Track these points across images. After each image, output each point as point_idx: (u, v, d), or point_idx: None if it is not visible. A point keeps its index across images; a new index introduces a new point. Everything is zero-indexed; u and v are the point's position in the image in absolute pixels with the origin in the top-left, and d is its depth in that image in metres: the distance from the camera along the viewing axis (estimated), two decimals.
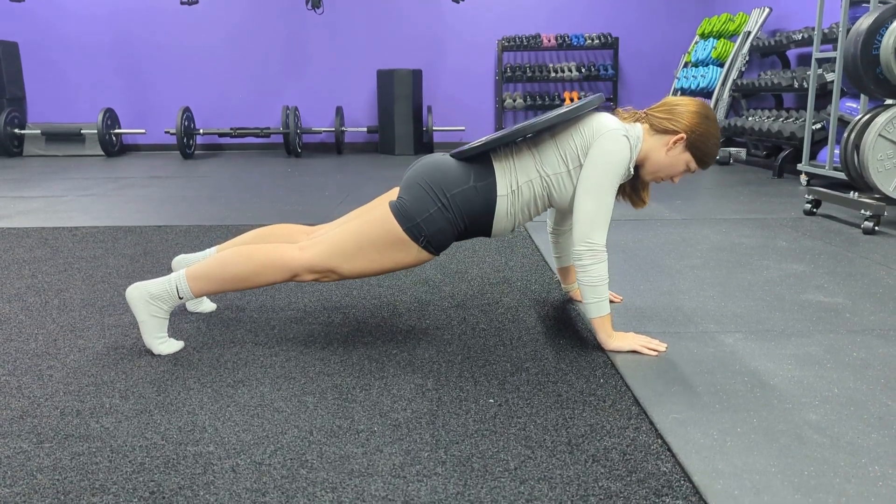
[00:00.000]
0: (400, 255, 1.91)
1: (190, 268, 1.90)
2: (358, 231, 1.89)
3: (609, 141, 1.83)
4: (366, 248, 1.88)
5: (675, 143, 1.90)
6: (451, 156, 1.97)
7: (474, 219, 1.92)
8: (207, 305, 2.24)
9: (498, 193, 1.90)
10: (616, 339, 1.86)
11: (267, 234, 2.13)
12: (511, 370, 1.76)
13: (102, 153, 7.52)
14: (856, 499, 1.19)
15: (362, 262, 1.90)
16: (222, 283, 1.89)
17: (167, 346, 1.89)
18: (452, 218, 1.89)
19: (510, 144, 1.95)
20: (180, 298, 1.87)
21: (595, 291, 1.81)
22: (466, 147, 1.94)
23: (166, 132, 7.42)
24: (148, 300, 1.85)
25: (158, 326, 1.88)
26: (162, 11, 7.77)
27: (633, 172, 1.93)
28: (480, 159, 1.93)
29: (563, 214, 2.22)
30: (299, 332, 2.05)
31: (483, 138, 1.93)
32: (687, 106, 1.91)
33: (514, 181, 1.91)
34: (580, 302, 2.16)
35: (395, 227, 1.87)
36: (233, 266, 1.87)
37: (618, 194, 2.01)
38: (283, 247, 1.91)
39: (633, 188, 2.04)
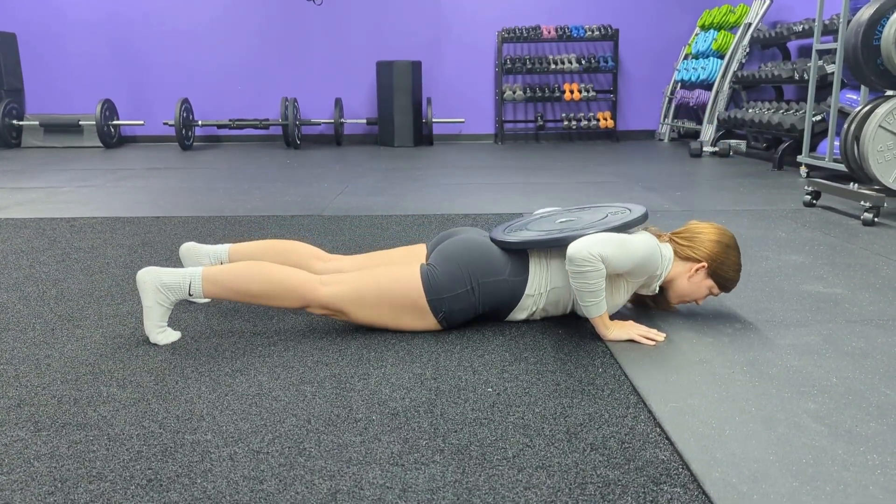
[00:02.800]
0: (414, 321, 1.92)
1: (208, 269, 1.88)
2: (383, 285, 1.89)
3: (638, 234, 1.89)
4: (384, 303, 1.89)
5: (696, 270, 1.94)
6: (490, 238, 1.98)
7: (495, 308, 1.95)
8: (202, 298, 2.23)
9: (526, 293, 1.93)
10: (614, 329, 1.86)
11: (283, 250, 2.11)
12: (509, 360, 1.76)
13: (101, 145, 7.50)
14: (853, 487, 1.19)
15: (375, 314, 1.90)
16: (236, 294, 1.88)
17: (165, 335, 1.89)
18: (476, 302, 1.91)
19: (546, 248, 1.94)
20: (190, 295, 1.86)
21: (594, 295, 1.80)
22: (508, 239, 1.94)
23: (165, 124, 7.40)
24: (158, 287, 1.85)
25: (161, 315, 1.88)
26: (161, 2, 7.74)
27: (657, 290, 1.96)
28: (519, 253, 1.95)
29: None
30: (297, 321, 2.05)
31: (529, 234, 1.95)
32: (708, 235, 1.96)
33: (543, 284, 1.93)
34: None
35: (420, 294, 1.87)
36: (253, 284, 1.86)
37: (644, 302, 2.11)
38: (305, 277, 1.89)
39: (658, 305, 2.10)
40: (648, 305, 2.13)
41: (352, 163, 6.11)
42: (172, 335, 1.91)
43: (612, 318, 1.91)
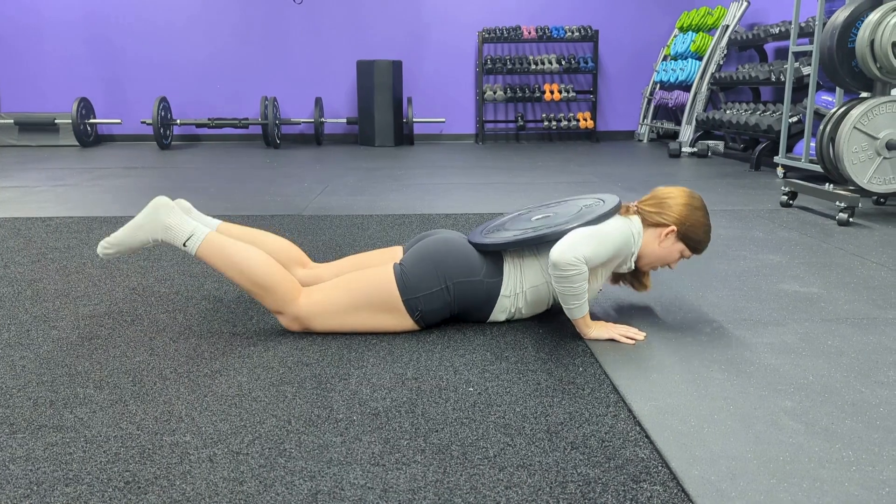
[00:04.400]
0: (391, 321, 1.91)
1: (213, 236, 1.87)
2: (355, 287, 1.88)
3: (608, 223, 1.89)
4: (361, 306, 1.88)
5: (666, 235, 1.94)
6: (468, 240, 1.98)
7: (470, 308, 1.95)
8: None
9: (501, 293, 1.93)
10: (595, 329, 1.87)
11: (272, 249, 2.06)
12: (490, 359, 1.76)
13: (77, 143, 7.40)
14: (830, 483, 1.21)
15: (350, 320, 1.90)
16: (228, 268, 1.86)
17: (111, 252, 1.91)
18: (450, 302, 1.91)
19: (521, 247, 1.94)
20: (183, 246, 1.87)
21: (577, 298, 1.80)
22: (484, 241, 1.94)
23: (143, 122, 7.33)
24: (159, 226, 1.86)
25: (137, 243, 1.90)
26: None
27: (633, 266, 1.96)
28: (494, 255, 1.94)
29: None
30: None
31: (506, 234, 1.94)
32: (676, 199, 1.95)
33: (518, 285, 1.93)
34: None
35: (394, 293, 1.86)
36: (248, 268, 1.85)
37: (619, 281, 2.12)
38: (293, 285, 1.88)
39: (634, 276, 2.09)
40: (623, 284, 2.13)
41: (332, 162, 6.08)
42: (116, 255, 1.93)
43: (590, 307, 1.91)
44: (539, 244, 1.91)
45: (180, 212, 1.91)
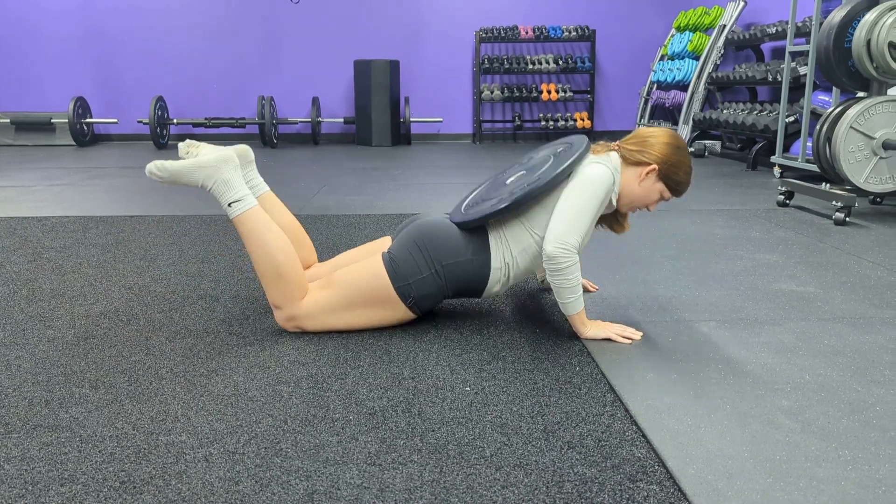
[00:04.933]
0: (387, 313, 1.91)
1: (256, 211, 1.87)
2: (346, 282, 1.88)
3: (588, 168, 1.86)
4: (354, 301, 1.88)
5: (647, 174, 1.92)
6: (451, 220, 1.97)
7: (465, 287, 1.94)
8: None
9: (492, 266, 1.91)
10: (591, 328, 1.87)
11: (296, 241, 2.06)
12: (487, 359, 1.76)
13: (73, 143, 7.39)
14: (826, 482, 1.21)
15: (347, 317, 1.90)
16: (253, 243, 1.87)
17: (161, 177, 1.88)
18: (443, 285, 1.90)
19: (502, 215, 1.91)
20: (228, 206, 1.87)
21: (571, 291, 1.81)
22: (465, 217, 1.93)
23: (139, 122, 7.32)
24: (219, 178, 1.86)
25: (188, 181, 1.87)
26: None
27: (615, 205, 1.94)
28: (478, 230, 1.93)
29: None
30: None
31: (484, 208, 1.92)
32: (658, 137, 1.93)
33: (507, 253, 1.92)
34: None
35: (386, 283, 1.86)
36: (271, 253, 1.85)
37: (598, 223, 2.06)
38: (304, 285, 1.89)
39: (613, 218, 2.06)
40: (602, 227, 2.08)
41: (329, 162, 6.08)
42: (159, 182, 1.89)
43: (586, 307, 1.91)
44: (520, 207, 1.89)
45: (240, 174, 1.90)
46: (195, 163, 1.87)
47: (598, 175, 1.85)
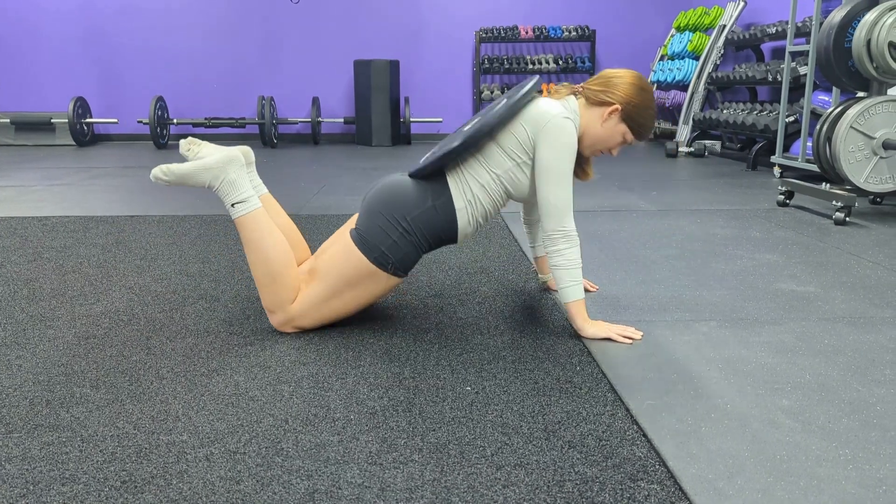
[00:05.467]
0: (374, 287, 1.90)
1: (259, 213, 1.88)
2: (325, 272, 1.89)
3: (555, 129, 1.84)
4: (339, 287, 1.88)
5: (610, 114, 1.90)
6: (409, 175, 1.97)
7: (438, 236, 1.93)
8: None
9: (456, 207, 1.90)
10: (592, 327, 1.87)
11: (293, 242, 2.07)
12: (488, 358, 1.76)
13: (73, 143, 7.39)
14: (827, 482, 1.21)
15: (339, 304, 1.90)
16: (255, 249, 1.87)
17: (167, 180, 1.86)
18: (416, 241, 1.89)
19: (458, 154, 1.92)
20: (231, 206, 1.87)
21: (570, 274, 1.82)
22: (421, 164, 1.93)
23: (139, 122, 7.31)
24: (225, 178, 1.85)
25: (194, 182, 1.86)
26: None
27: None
28: (435, 175, 1.93)
29: (530, 206, 2.23)
30: None
31: (434, 152, 1.93)
32: (623, 77, 1.92)
33: (468, 191, 1.91)
34: (556, 291, 2.16)
35: (361, 259, 1.86)
36: (273, 259, 1.86)
37: None
38: (297, 288, 1.89)
39: (577, 164, 2.02)
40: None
41: (329, 162, 6.08)
42: (166, 184, 1.87)
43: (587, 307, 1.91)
44: (477, 145, 1.89)
45: (245, 174, 1.90)
46: (202, 164, 1.87)
47: (564, 137, 1.83)
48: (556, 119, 1.84)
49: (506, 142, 1.88)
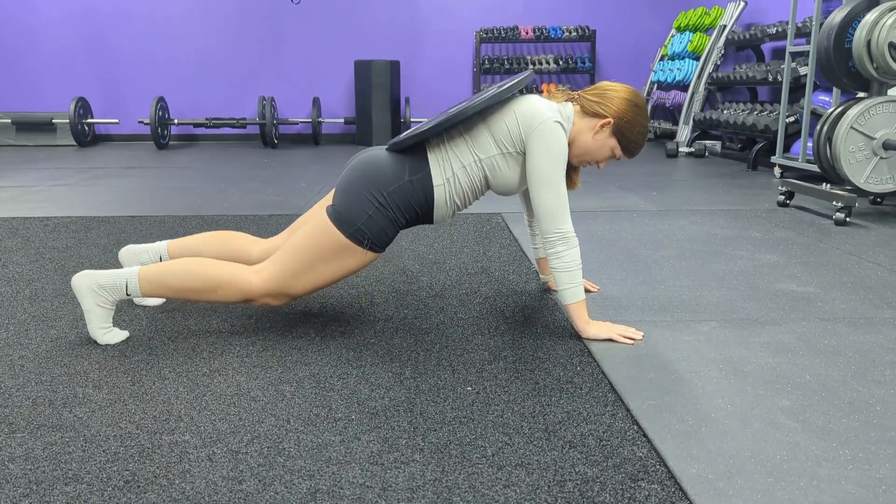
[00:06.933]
0: (348, 262, 1.90)
1: (144, 268, 1.87)
2: (302, 245, 1.88)
3: (546, 131, 1.84)
4: (314, 262, 1.88)
5: (602, 126, 1.92)
6: (386, 149, 1.96)
7: (414, 211, 1.92)
8: (154, 300, 2.18)
9: (434, 184, 1.90)
10: (593, 327, 1.88)
11: (220, 242, 2.10)
12: (489, 358, 1.76)
13: (74, 143, 7.39)
14: (827, 482, 1.22)
15: (313, 277, 1.90)
16: (175, 292, 1.87)
17: (111, 335, 1.86)
18: (392, 215, 1.89)
19: (443, 132, 1.93)
20: (128, 295, 1.84)
21: (570, 276, 1.83)
22: (401, 137, 1.93)
23: (140, 122, 7.32)
24: (95, 290, 1.82)
25: (103, 317, 1.85)
26: None
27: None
28: (414, 150, 1.93)
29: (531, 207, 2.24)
30: (276, 321, 2.04)
31: (417, 127, 1.93)
32: (619, 92, 1.93)
33: (448, 168, 1.91)
34: (557, 292, 2.17)
35: (336, 234, 1.86)
36: (187, 280, 1.86)
37: None
38: (238, 269, 1.89)
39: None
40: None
41: (330, 162, 6.08)
42: (119, 335, 1.88)
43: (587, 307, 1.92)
44: (464, 122, 1.89)
45: (100, 271, 1.86)
46: (85, 313, 1.85)
47: (556, 141, 1.84)
48: (548, 122, 1.85)
49: (496, 129, 1.89)
